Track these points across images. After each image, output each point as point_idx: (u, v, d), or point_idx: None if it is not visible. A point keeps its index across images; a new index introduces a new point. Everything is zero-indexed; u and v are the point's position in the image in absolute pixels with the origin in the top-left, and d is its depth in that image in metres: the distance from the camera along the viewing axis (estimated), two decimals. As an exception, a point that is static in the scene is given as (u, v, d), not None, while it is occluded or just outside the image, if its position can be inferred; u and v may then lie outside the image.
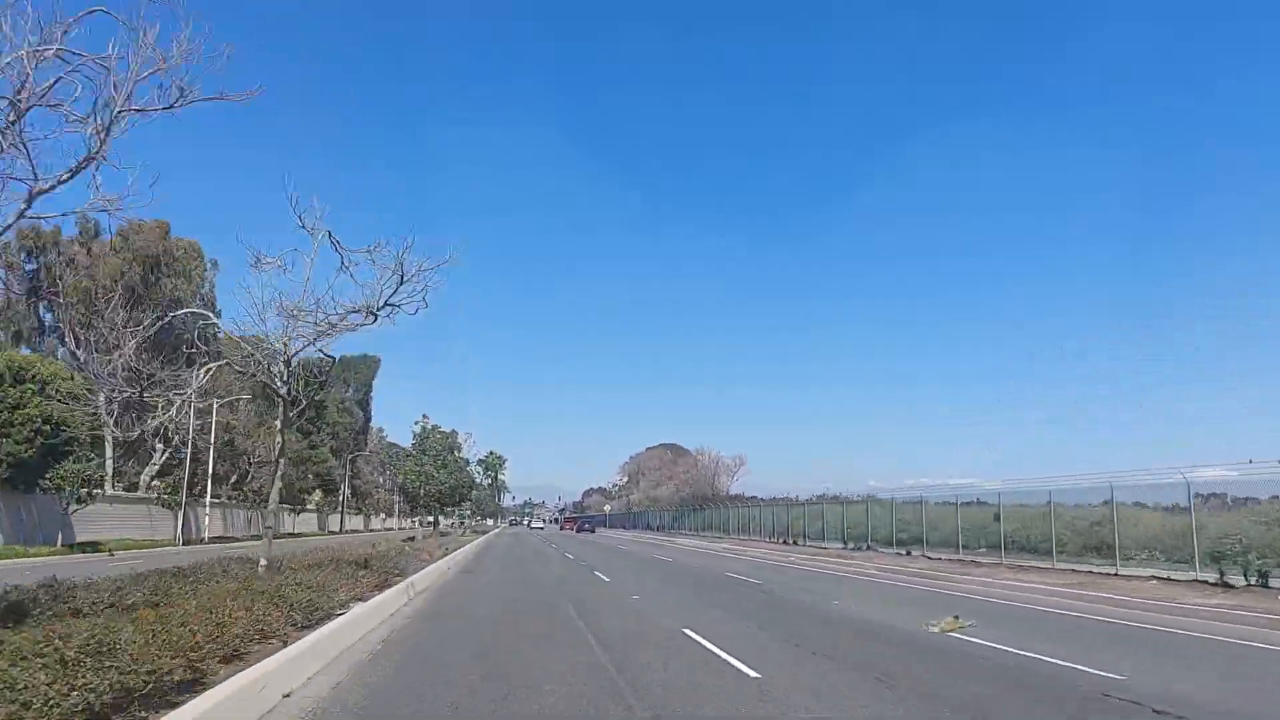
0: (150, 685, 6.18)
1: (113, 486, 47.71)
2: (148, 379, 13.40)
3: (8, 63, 7.49)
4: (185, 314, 24.34)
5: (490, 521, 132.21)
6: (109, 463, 47.98)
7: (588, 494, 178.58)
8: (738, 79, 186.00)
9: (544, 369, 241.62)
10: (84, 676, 5.77)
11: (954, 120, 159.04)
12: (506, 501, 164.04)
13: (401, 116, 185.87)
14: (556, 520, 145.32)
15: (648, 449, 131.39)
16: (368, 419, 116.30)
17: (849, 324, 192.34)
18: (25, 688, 5.47)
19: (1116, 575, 24.98)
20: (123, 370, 13.01)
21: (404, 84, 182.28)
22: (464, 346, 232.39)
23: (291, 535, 61.30)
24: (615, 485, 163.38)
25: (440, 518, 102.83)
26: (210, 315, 20.21)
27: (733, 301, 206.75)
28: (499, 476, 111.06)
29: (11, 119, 7.61)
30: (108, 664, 6.03)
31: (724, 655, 10.43)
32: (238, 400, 56.01)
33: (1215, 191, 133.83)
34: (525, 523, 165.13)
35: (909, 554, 38.04)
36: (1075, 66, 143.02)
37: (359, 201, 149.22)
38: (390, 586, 16.45)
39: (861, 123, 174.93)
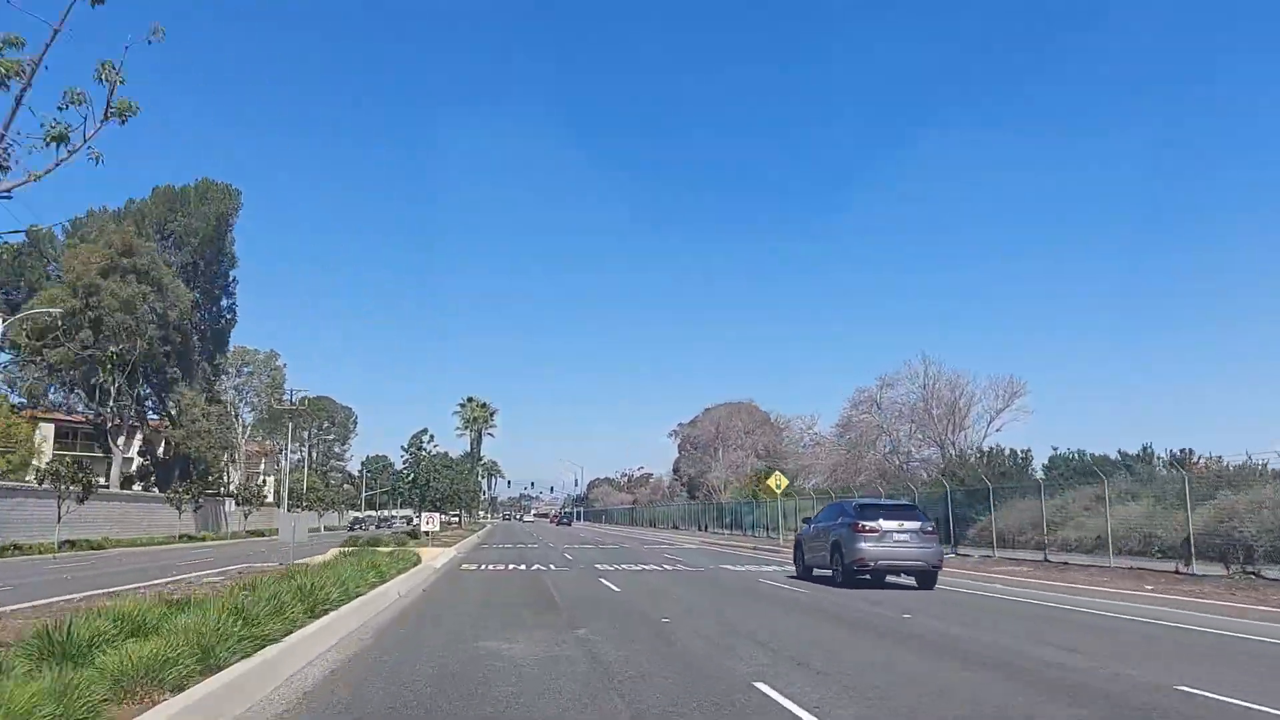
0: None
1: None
2: None
3: None
4: None
5: (455, 522, 63.16)
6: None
7: (594, 484, 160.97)
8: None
9: (540, 363, 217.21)
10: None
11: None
12: (501, 491, 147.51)
13: (402, 95, 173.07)
14: (555, 515, 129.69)
15: (706, 410, 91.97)
16: (220, 311, 61.44)
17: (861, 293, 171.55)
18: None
19: None
20: None
21: (406, 64, 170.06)
22: (459, 322, 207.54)
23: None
24: (629, 475, 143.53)
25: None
26: None
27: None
28: (480, 443, 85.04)
29: None
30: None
31: None
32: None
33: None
34: (519, 517, 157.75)
35: None
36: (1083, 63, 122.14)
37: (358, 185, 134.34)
38: None
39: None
